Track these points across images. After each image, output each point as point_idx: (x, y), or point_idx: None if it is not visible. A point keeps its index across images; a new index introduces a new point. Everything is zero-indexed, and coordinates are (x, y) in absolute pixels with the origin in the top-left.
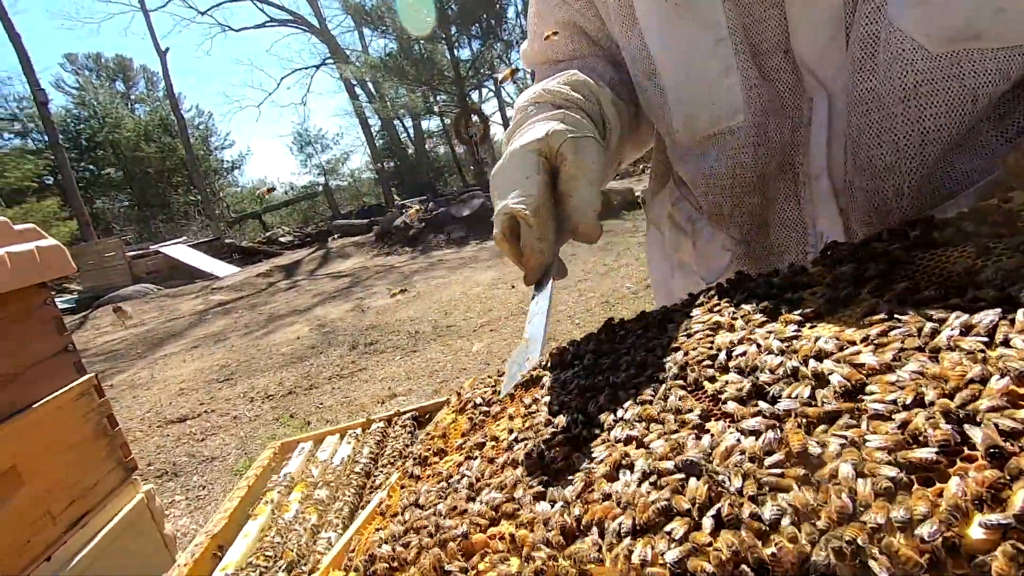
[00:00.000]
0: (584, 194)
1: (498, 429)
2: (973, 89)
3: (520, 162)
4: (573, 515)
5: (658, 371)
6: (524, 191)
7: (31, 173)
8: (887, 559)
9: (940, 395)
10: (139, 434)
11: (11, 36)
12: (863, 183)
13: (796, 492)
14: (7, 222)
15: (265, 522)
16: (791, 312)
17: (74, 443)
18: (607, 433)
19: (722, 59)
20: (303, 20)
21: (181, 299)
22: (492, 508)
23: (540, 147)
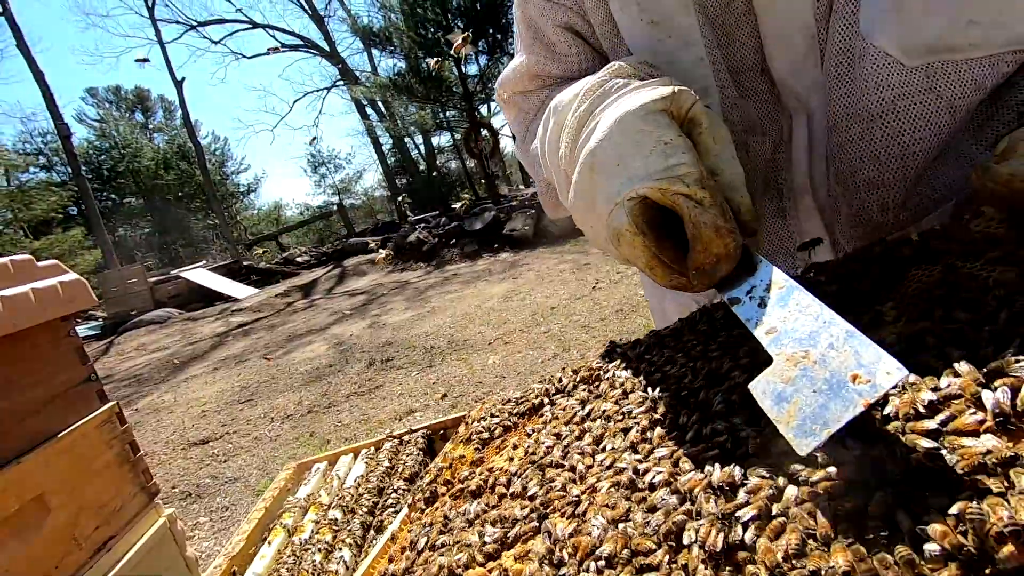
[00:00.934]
0: (736, 168)
1: (500, 460)
2: (950, 100)
3: (646, 126)
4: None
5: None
6: (670, 159)
7: (56, 205)
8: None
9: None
10: (163, 457)
11: (35, 73)
12: (847, 198)
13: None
14: (31, 259)
15: (281, 543)
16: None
17: (98, 470)
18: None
19: (702, 79)
20: (313, 44)
21: (202, 322)
22: (493, 541)
23: (668, 107)
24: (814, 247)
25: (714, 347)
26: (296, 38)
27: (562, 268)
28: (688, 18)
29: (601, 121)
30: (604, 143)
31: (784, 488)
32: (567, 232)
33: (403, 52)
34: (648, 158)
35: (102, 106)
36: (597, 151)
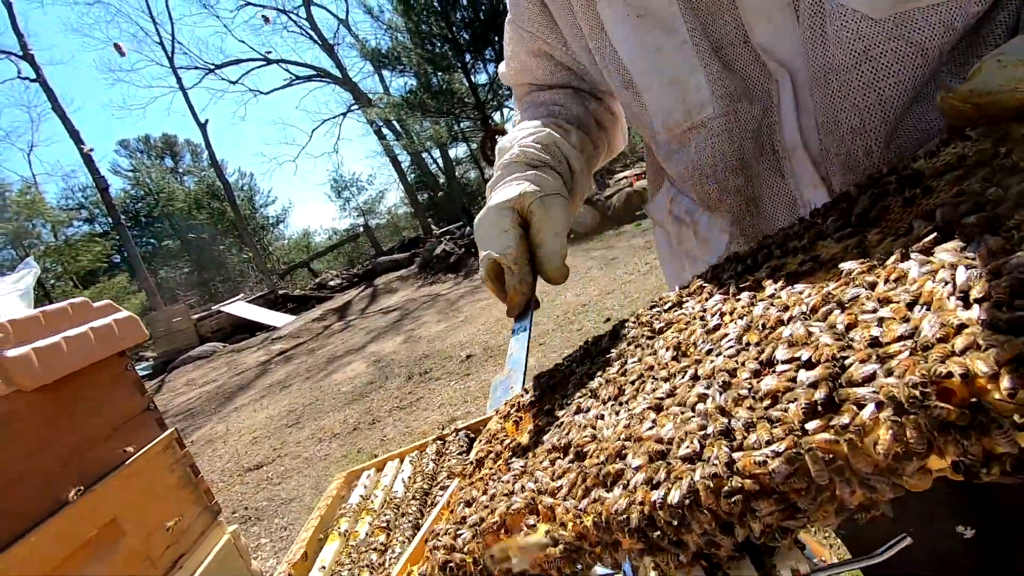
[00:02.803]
0: (552, 244)
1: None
2: (920, 44)
3: (498, 217)
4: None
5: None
6: (504, 243)
7: (101, 255)
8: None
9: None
10: (221, 484)
11: (71, 133)
12: (835, 148)
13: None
14: (87, 301)
15: (338, 547)
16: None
17: (163, 492)
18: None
19: (686, 60)
20: (326, 73)
21: (245, 353)
22: (532, 491)
23: (513, 204)
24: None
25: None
26: (309, 68)
27: (589, 265)
28: (671, 7)
29: (488, 203)
30: (481, 221)
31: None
32: (591, 229)
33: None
34: (494, 239)
35: (134, 156)
36: (479, 224)
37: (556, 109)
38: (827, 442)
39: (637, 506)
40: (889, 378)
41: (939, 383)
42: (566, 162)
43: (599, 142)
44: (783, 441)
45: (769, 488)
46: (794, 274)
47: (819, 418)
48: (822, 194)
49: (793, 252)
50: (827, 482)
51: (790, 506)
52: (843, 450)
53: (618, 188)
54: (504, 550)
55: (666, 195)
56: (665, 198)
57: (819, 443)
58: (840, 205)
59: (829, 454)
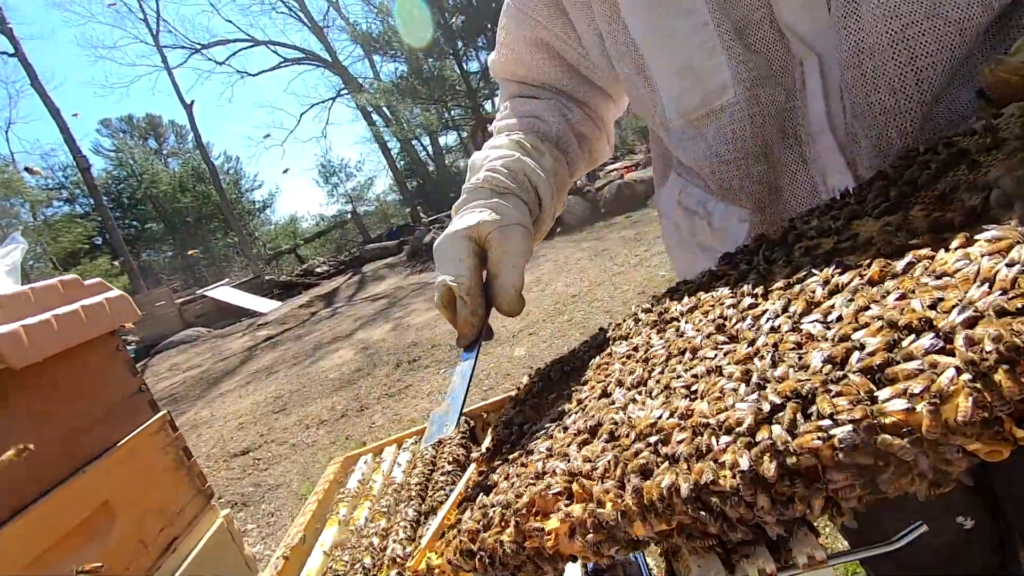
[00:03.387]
0: (507, 276)
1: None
2: (958, 23)
3: (455, 245)
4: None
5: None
6: (458, 271)
7: (82, 236)
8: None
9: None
10: (207, 469)
11: (51, 110)
12: (865, 130)
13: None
14: (77, 279)
15: (338, 531)
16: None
17: (157, 475)
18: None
19: (706, 42)
20: (315, 56)
21: (230, 338)
22: (565, 471)
23: (471, 233)
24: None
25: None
26: (298, 51)
27: (579, 256)
28: None
29: (448, 228)
30: (439, 245)
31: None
32: (582, 221)
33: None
34: (449, 265)
35: (117, 136)
36: (437, 248)
37: (534, 123)
38: (904, 411)
39: (690, 476)
40: (962, 344)
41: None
42: (533, 191)
43: (577, 158)
44: (853, 411)
45: (833, 462)
46: (832, 252)
47: (889, 386)
48: (847, 180)
49: (827, 233)
50: (912, 457)
51: (869, 480)
52: (920, 419)
53: (608, 180)
54: (535, 533)
55: (674, 186)
56: (674, 189)
57: (894, 413)
58: (877, 183)
59: (905, 425)
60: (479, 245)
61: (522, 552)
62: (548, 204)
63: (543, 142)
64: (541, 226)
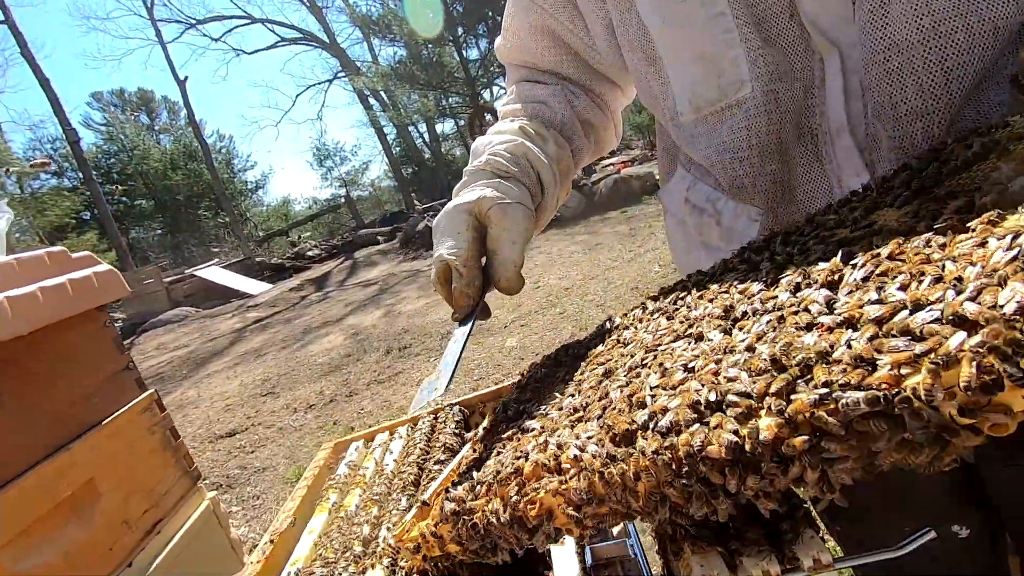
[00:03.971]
0: (507, 252)
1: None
2: (993, 21)
3: (454, 219)
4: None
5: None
6: (456, 244)
7: (69, 210)
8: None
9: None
10: (192, 450)
11: (41, 81)
12: (888, 131)
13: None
14: (65, 251)
15: (328, 518)
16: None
17: (143, 455)
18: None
19: (723, 32)
20: (313, 36)
21: (219, 319)
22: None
23: (471, 208)
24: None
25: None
26: (295, 31)
27: (573, 250)
28: None
29: (446, 206)
30: (438, 222)
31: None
32: (577, 214)
33: (403, 39)
34: (447, 238)
35: (108, 110)
36: (436, 225)
37: (540, 108)
38: (900, 372)
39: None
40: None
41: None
42: (535, 176)
43: (582, 146)
44: (850, 374)
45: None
46: (847, 240)
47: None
48: (865, 182)
49: (845, 224)
50: (925, 424)
51: (865, 452)
52: (927, 382)
53: (605, 174)
54: (519, 502)
55: (682, 182)
56: (681, 185)
57: (893, 371)
58: (901, 175)
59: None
60: (479, 220)
61: (505, 521)
62: (551, 190)
63: (547, 129)
64: (543, 212)
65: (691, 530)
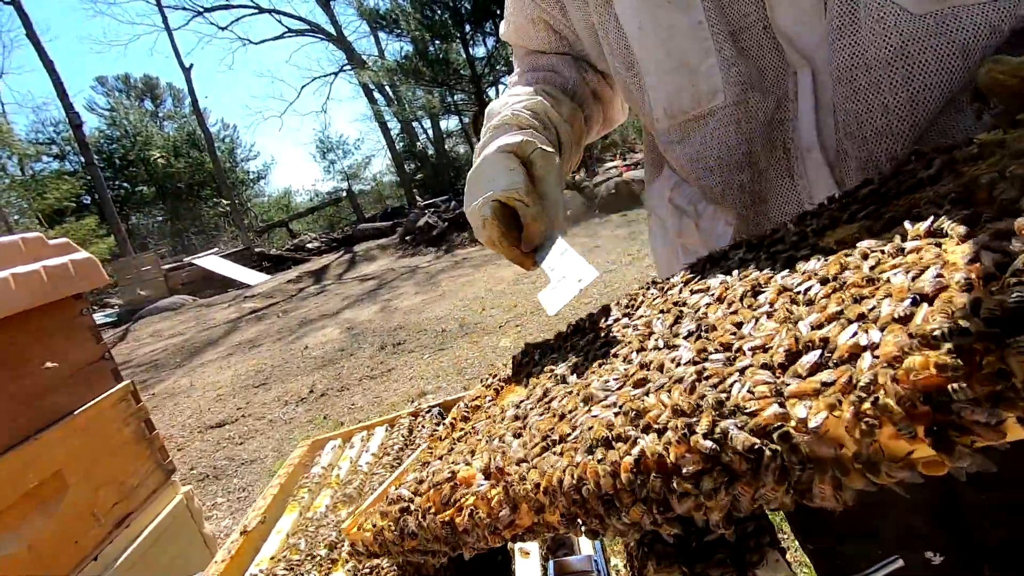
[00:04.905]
0: (556, 193)
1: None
2: (963, 44)
3: (499, 160)
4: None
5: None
6: (512, 179)
7: (69, 193)
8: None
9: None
10: (181, 439)
11: (45, 63)
12: (855, 151)
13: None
14: (41, 237)
15: (297, 518)
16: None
17: (115, 447)
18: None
19: (700, 41)
20: (320, 29)
21: (216, 308)
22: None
23: (515, 149)
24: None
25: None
26: (302, 22)
27: None
28: None
29: (482, 154)
30: (477, 169)
31: None
32: (578, 216)
33: (410, 34)
34: (499, 178)
35: (112, 95)
36: (473, 174)
37: (551, 76)
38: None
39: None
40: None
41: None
42: (555, 132)
43: (593, 114)
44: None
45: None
46: (790, 258)
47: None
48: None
49: (803, 238)
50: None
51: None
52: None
53: (607, 177)
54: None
55: (666, 183)
56: (665, 186)
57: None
58: (863, 189)
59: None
60: (522, 161)
61: (433, 526)
62: (567, 149)
63: (561, 92)
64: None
65: (658, 549)
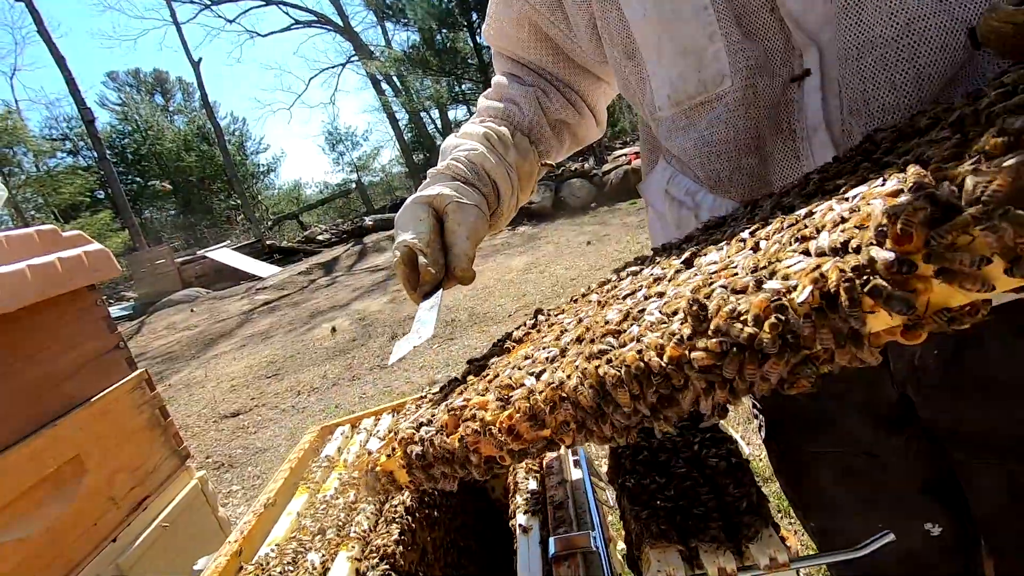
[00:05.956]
0: (461, 245)
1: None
2: (966, 21)
3: (415, 209)
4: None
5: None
6: (418, 229)
7: (84, 188)
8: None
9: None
10: (196, 429)
11: (57, 59)
12: (861, 128)
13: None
14: (55, 229)
15: (307, 501)
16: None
17: (131, 433)
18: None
19: (706, 26)
20: (327, 20)
21: (228, 300)
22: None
23: (431, 201)
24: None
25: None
26: (309, 13)
27: (581, 240)
28: None
29: (407, 201)
30: (400, 213)
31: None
32: (586, 204)
33: (417, 24)
34: (410, 225)
35: (123, 90)
36: (399, 216)
37: (510, 110)
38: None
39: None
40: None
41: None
42: (492, 184)
43: (550, 148)
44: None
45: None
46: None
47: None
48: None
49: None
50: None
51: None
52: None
53: (616, 165)
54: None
55: (662, 175)
56: (661, 178)
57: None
58: (864, 144)
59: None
60: (437, 212)
61: (446, 449)
62: (506, 198)
63: (514, 132)
64: (499, 219)
65: (653, 528)
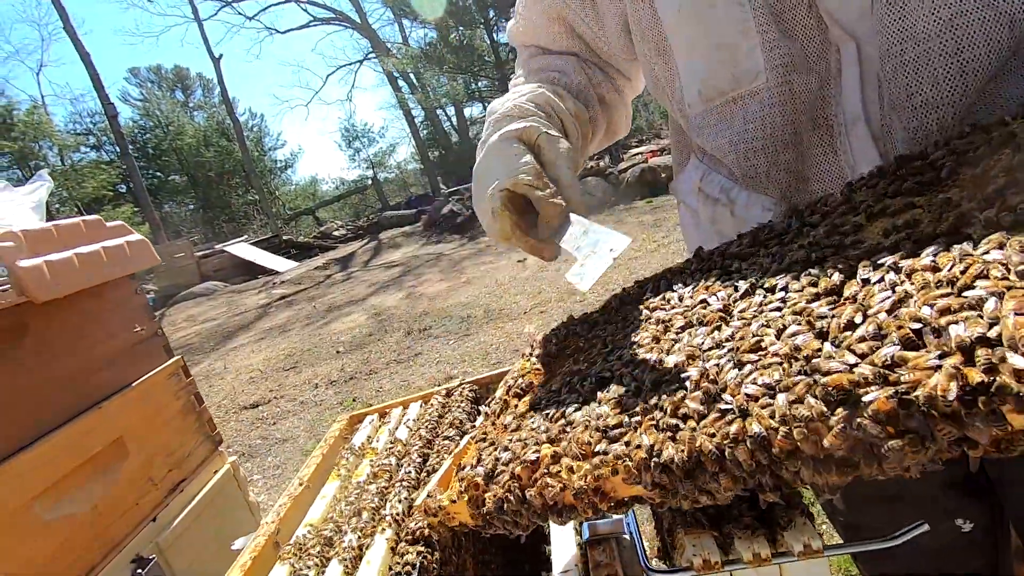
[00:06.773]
0: (568, 175)
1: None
2: (1009, 15)
3: (504, 148)
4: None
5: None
6: (520, 164)
7: (106, 182)
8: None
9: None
10: (217, 419)
11: (82, 55)
12: (903, 122)
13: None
14: (100, 219)
15: (340, 486)
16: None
17: (168, 418)
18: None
19: (740, 23)
20: (345, 17)
21: (246, 294)
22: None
23: (520, 135)
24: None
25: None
26: (327, 11)
27: None
28: None
29: (486, 144)
30: (482, 161)
31: None
32: (603, 202)
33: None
34: (506, 165)
35: (144, 85)
36: (477, 168)
37: (556, 76)
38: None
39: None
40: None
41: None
42: (560, 122)
43: (597, 117)
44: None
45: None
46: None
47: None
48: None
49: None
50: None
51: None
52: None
53: (632, 163)
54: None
55: (695, 172)
56: (694, 175)
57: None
58: (913, 164)
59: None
60: (529, 147)
61: (524, 502)
62: (575, 139)
63: (565, 90)
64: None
65: (688, 513)
